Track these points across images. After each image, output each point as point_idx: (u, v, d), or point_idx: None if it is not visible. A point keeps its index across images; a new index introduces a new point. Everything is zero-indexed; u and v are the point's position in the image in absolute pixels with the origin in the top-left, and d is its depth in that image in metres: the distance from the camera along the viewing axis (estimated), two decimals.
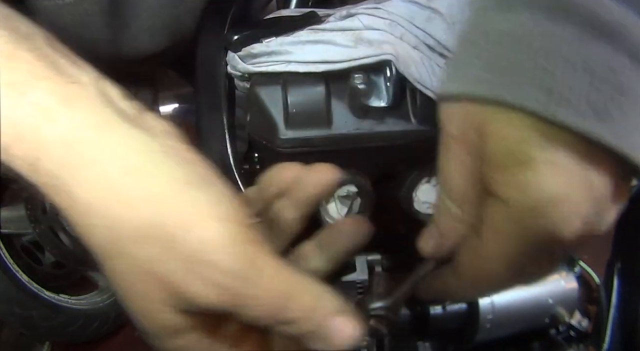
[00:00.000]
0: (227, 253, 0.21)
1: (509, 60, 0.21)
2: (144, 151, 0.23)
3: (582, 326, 0.60)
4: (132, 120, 0.24)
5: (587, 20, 0.20)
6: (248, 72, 0.48)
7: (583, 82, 0.20)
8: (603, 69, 0.20)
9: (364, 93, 0.45)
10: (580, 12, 0.20)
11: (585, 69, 0.20)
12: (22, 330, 1.24)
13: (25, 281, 1.23)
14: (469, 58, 0.23)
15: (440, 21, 0.48)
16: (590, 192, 0.22)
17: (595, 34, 0.20)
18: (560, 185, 0.22)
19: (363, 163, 0.48)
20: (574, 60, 0.20)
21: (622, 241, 0.64)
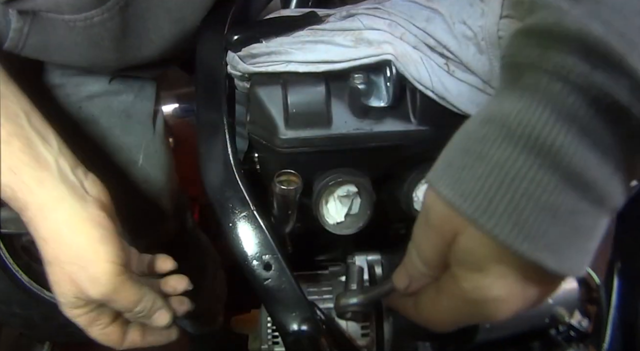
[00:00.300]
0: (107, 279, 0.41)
1: (493, 192, 0.26)
2: (77, 217, 0.41)
3: (582, 326, 0.60)
4: (75, 191, 0.42)
5: (567, 172, 0.25)
6: (248, 72, 0.48)
7: (545, 223, 0.26)
8: (566, 213, 0.26)
9: (364, 93, 0.45)
10: (564, 163, 0.25)
11: (551, 213, 0.25)
12: (22, 330, 1.24)
13: (25, 281, 1.23)
14: (462, 172, 0.28)
15: (440, 21, 0.48)
16: (524, 296, 0.30)
17: (568, 184, 0.25)
18: (503, 292, 0.29)
19: (363, 163, 0.48)
20: (542, 204, 0.25)
21: (622, 241, 0.64)
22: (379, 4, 0.52)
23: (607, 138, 0.25)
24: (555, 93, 0.25)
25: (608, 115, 0.25)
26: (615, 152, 0.26)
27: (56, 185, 0.41)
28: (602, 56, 0.24)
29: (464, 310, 0.32)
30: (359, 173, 0.48)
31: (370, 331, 0.57)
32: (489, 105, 0.29)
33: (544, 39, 0.26)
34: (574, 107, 0.25)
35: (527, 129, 0.26)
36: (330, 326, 0.54)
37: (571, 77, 0.25)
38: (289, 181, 0.43)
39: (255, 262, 0.45)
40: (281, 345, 0.58)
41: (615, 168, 0.26)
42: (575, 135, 0.25)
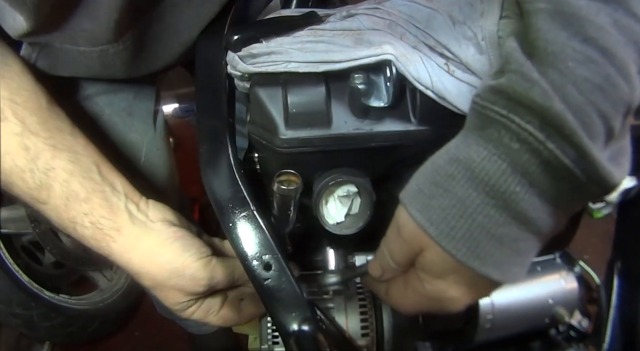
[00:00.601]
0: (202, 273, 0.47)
1: (455, 221, 0.33)
2: (154, 247, 0.47)
3: (582, 326, 0.60)
4: (146, 226, 0.48)
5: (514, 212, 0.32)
6: (248, 72, 0.48)
7: (493, 247, 0.33)
8: (509, 240, 0.32)
9: (364, 93, 0.45)
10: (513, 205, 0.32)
11: (498, 240, 0.32)
12: (22, 330, 1.24)
13: (25, 281, 1.23)
14: (431, 201, 0.34)
15: (441, 21, 0.48)
16: (471, 296, 0.37)
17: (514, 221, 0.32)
18: (456, 294, 0.37)
19: (363, 163, 0.48)
20: (492, 234, 0.32)
21: (622, 241, 0.65)
22: (379, 4, 0.52)
23: (551, 189, 0.31)
24: (513, 151, 0.31)
25: (554, 173, 0.30)
26: (556, 200, 0.32)
27: (130, 229, 0.47)
28: (557, 129, 0.29)
29: (425, 303, 0.40)
30: (359, 173, 0.48)
31: (370, 331, 0.57)
32: (457, 145, 0.34)
33: (512, 102, 0.30)
34: (527, 164, 0.31)
35: (487, 176, 0.32)
36: (330, 326, 0.54)
37: (528, 140, 0.30)
38: (289, 181, 0.43)
39: (255, 262, 0.45)
40: (281, 345, 0.58)
41: (554, 209, 0.32)
42: (525, 185, 0.31)
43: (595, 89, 0.29)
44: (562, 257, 0.65)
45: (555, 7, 0.30)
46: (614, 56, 0.29)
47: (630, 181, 0.51)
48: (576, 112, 0.29)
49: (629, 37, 0.30)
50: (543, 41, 0.30)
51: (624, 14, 0.30)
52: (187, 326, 1.34)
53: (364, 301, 0.58)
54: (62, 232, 0.49)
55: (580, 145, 0.28)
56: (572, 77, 0.29)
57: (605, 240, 0.70)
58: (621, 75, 0.30)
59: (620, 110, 0.30)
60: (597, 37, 0.29)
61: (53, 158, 0.45)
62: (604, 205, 0.53)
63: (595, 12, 0.29)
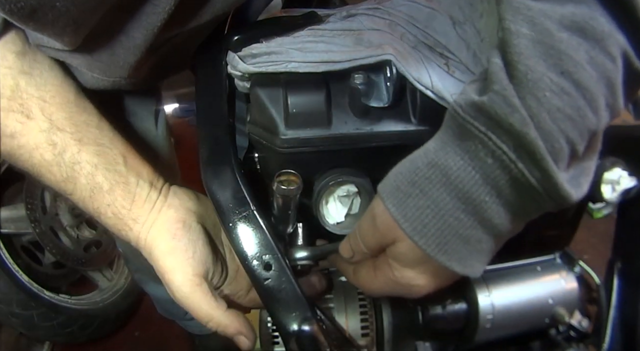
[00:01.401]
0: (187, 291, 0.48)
1: (428, 220, 0.37)
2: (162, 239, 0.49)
3: (582, 326, 0.60)
4: (160, 213, 0.49)
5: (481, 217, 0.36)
6: (248, 72, 0.48)
7: (459, 245, 0.37)
8: (473, 240, 0.37)
9: (364, 93, 0.45)
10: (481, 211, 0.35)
11: (464, 239, 0.37)
12: (22, 330, 1.24)
13: (25, 281, 1.23)
14: (407, 199, 0.37)
15: (441, 21, 0.48)
16: (435, 284, 0.42)
17: (480, 225, 0.36)
18: (422, 282, 0.42)
19: (363, 163, 0.48)
20: (459, 234, 0.36)
21: (622, 241, 0.65)
22: (379, 4, 0.52)
23: (515, 201, 0.35)
24: (487, 165, 0.34)
25: (519, 188, 0.34)
26: (518, 209, 0.36)
27: (146, 218, 0.49)
28: (529, 153, 0.32)
29: (392, 287, 0.44)
30: (359, 173, 0.48)
31: (370, 331, 0.57)
32: (437, 151, 0.37)
33: (492, 122, 0.33)
34: (498, 178, 0.34)
35: (461, 184, 0.35)
36: (330, 326, 0.54)
37: (502, 158, 0.33)
38: (289, 181, 0.43)
39: (255, 262, 0.45)
40: (281, 345, 0.58)
41: (514, 217, 0.36)
42: (493, 196, 0.35)
43: (567, 119, 0.32)
44: (562, 257, 0.65)
45: (537, 37, 0.32)
46: (587, 90, 0.32)
47: (630, 181, 0.51)
48: (547, 138, 0.32)
49: (601, 73, 0.32)
50: (524, 66, 0.32)
51: (599, 52, 0.32)
52: (187, 326, 1.34)
53: (364, 301, 0.58)
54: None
55: (547, 169, 0.32)
56: (547, 106, 0.32)
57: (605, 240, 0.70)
58: (590, 108, 0.33)
59: (586, 137, 0.33)
60: (573, 72, 0.32)
61: (79, 152, 0.47)
62: (604, 205, 0.53)
63: (574, 47, 0.32)
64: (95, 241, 1.45)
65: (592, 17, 0.32)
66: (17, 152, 0.46)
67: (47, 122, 0.46)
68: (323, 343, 0.44)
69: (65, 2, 0.36)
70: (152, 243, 0.48)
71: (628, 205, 0.60)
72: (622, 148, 0.50)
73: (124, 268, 1.51)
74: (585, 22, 0.32)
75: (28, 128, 0.45)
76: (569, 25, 0.32)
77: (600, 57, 0.32)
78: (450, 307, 0.59)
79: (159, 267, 0.48)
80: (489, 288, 0.59)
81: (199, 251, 0.48)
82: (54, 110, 0.47)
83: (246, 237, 0.45)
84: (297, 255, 0.51)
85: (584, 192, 0.35)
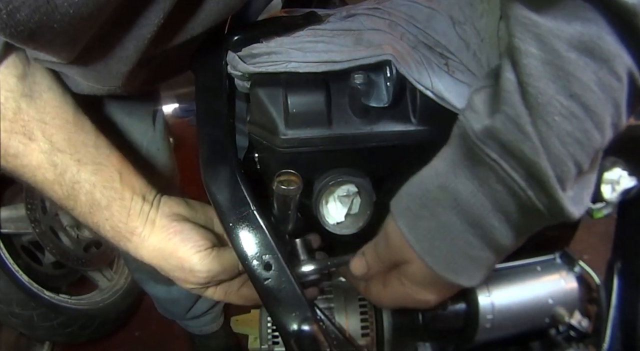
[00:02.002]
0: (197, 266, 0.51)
1: (438, 242, 0.39)
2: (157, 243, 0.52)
3: (582, 326, 0.60)
4: (153, 224, 0.52)
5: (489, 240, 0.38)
6: (248, 72, 0.48)
7: (467, 264, 0.39)
8: (481, 260, 0.39)
9: (364, 93, 0.45)
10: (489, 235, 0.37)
11: (473, 260, 0.39)
12: (22, 330, 1.24)
13: (25, 281, 1.23)
14: (419, 221, 0.40)
15: (441, 21, 0.48)
16: (443, 296, 0.44)
17: (488, 246, 0.38)
18: (431, 297, 0.44)
19: (363, 163, 0.48)
20: (468, 255, 0.39)
21: (622, 241, 0.65)
22: (379, 4, 0.52)
23: (521, 224, 0.36)
24: (496, 192, 0.35)
25: (527, 212, 0.35)
26: (522, 229, 0.37)
27: (142, 229, 0.52)
28: (539, 181, 0.33)
29: (402, 301, 0.45)
30: (359, 173, 0.48)
31: (370, 331, 0.57)
32: (447, 174, 0.38)
33: (504, 149, 0.34)
34: (507, 204, 0.36)
35: (470, 209, 0.37)
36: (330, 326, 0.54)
37: (511, 185, 0.34)
38: (289, 181, 0.43)
39: (255, 262, 0.45)
40: (281, 345, 0.58)
41: (519, 235, 0.38)
42: (502, 221, 0.36)
43: (575, 143, 0.33)
44: (562, 257, 0.65)
45: (547, 57, 0.32)
46: (594, 113, 0.33)
47: (630, 181, 0.51)
48: (556, 163, 0.33)
49: (608, 94, 0.33)
50: (534, 89, 0.33)
51: (607, 72, 0.32)
52: (187, 326, 1.34)
53: (364, 301, 0.58)
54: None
55: (554, 195, 0.33)
56: (557, 130, 0.33)
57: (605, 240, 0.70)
58: (597, 129, 0.33)
59: (591, 156, 0.34)
60: (581, 94, 0.32)
61: (78, 172, 0.50)
62: (604, 205, 0.53)
63: (582, 68, 0.32)
64: (95, 241, 1.44)
65: (599, 37, 0.32)
66: (21, 170, 0.50)
67: (47, 143, 0.49)
68: (323, 343, 0.44)
69: (62, 24, 0.37)
70: (153, 252, 0.52)
71: (628, 205, 0.60)
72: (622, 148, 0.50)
73: (124, 268, 1.51)
74: (593, 42, 0.32)
75: (30, 149, 0.48)
76: (577, 45, 0.32)
77: (608, 77, 0.32)
78: (450, 307, 0.59)
79: (173, 264, 0.51)
80: (489, 288, 0.59)
81: (199, 236, 0.52)
82: (54, 131, 0.49)
83: (246, 237, 0.45)
84: (306, 269, 0.51)
85: (586, 206, 0.36)
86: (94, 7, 0.38)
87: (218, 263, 0.51)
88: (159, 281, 1.11)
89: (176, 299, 1.17)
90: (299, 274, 0.51)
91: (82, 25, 0.40)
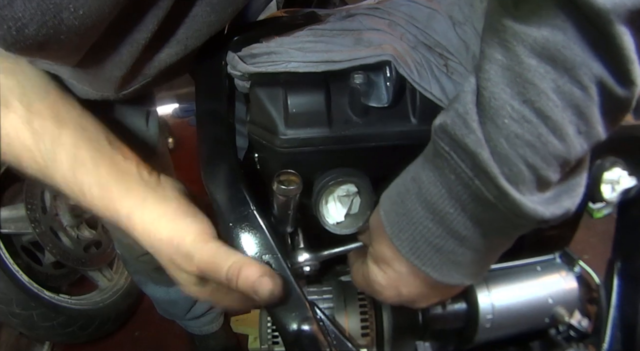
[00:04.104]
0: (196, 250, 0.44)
1: (404, 225, 0.41)
2: (161, 212, 0.46)
3: (582, 326, 0.60)
4: (156, 192, 0.47)
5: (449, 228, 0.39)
6: (248, 72, 0.48)
7: (433, 254, 0.41)
8: (446, 251, 0.40)
9: (364, 93, 0.45)
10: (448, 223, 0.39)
11: (436, 249, 0.40)
12: (22, 330, 1.24)
13: (25, 281, 1.23)
14: (393, 206, 0.42)
15: (441, 21, 0.48)
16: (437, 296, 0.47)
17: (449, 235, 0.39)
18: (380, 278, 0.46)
19: (363, 163, 0.48)
20: (433, 245, 0.40)
21: (622, 241, 0.65)
22: (379, 4, 0.52)
23: (482, 215, 0.37)
24: (450, 180, 0.38)
25: (481, 203, 0.37)
26: (488, 225, 0.38)
27: (140, 189, 0.47)
28: (482, 172, 0.35)
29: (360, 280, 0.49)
30: (359, 173, 0.48)
31: (370, 331, 0.57)
32: (417, 166, 0.41)
33: (453, 142, 0.36)
34: (460, 192, 0.37)
35: (429, 196, 0.39)
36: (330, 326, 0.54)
37: (461, 175, 0.36)
38: (289, 181, 0.43)
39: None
40: (281, 345, 0.58)
41: (487, 231, 0.39)
42: (458, 208, 0.38)
43: (525, 145, 0.34)
44: (562, 257, 0.65)
45: (508, 63, 0.34)
46: (549, 118, 0.33)
47: (630, 181, 0.51)
48: (503, 161, 0.34)
49: (568, 101, 0.33)
50: (489, 93, 0.35)
51: (568, 81, 0.33)
52: (187, 327, 1.34)
53: (364, 301, 0.58)
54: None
55: (501, 187, 0.34)
56: (505, 132, 0.34)
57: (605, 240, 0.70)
58: (554, 135, 0.34)
59: (553, 163, 0.35)
60: (535, 100, 0.33)
61: (59, 135, 0.46)
62: (604, 205, 0.53)
63: (541, 75, 0.33)
64: (95, 241, 1.45)
65: (564, 46, 0.32)
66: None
67: (25, 110, 0.46)
68: (323, 343, 0.44)
69: (68, 35, 0.38)
70: (149, 221, 0.45)
71: (628, 205, 0.60)
72: (622, 148, 0.50)
73: (123, 268, 1.51)
74: (556, 49, 0.32)
75: (6, 118, 0.46)
76: (539, 52, 0.33)
77: (568, 85, 0.33)
78: (450, 307, 0.59)
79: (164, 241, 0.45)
80: (489, 288, 0.59)
81: (202, 220, 0.46)
82: (34, 99, 0.47)
83: (246, 237, 0.45)
84: (302, 258, 0.52)
85: (565, 208, 0.36)
86: (97, 18, 0.39)
87: (213, 249, 0.44)
88: (158, 283, 1.11)
89: (175, 301, 1.18)
90: (295, 263, 0.52)
91: (87, 34, 0.41)
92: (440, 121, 0.38)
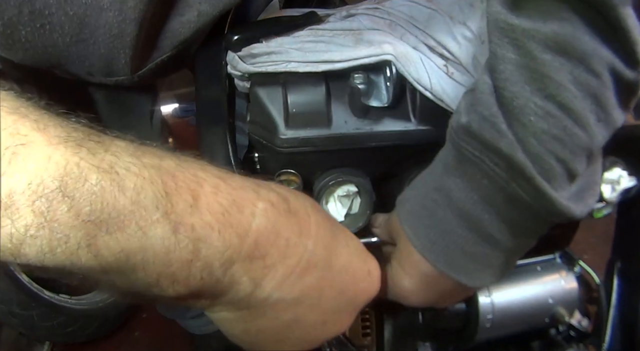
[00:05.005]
0: None
1: (436, 238, 0.40)
2: None
3: (582, 326, 0.60)
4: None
5: (482, 233, 0.39)
6: (248, 72, 0.48)
7: (464, 260, 0.40)
8: (478, 255, 0.40)
9: (364, 93, 0.45)
10: (482, 228, 0.38)
11: (469, 255, 0.40)
12: (22, 330, 1.24)
13: (25, 281, 1.23)
14: (419, 220, 0.41)
15: (441, 22, 0.48)
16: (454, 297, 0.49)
17: (483, 240, 0.39)
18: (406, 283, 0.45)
19: (363, 163, 0.48)
20: (465, 251, 0.39)
21: (622, 241, 0.65)
22: (379, 4, 0.52)
23: (515, 217, 0.37)
24: (483, 186, 0.37)
25: (516, 206, 0.36)
26: (520, 225, 0.38)
27: None
28: (519, 173, 0.35)
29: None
30: (359, 173, 0.48)
31: (370, 331, 0.57)
32: (442, 175, 0.40)
33: (483, 146, 0.36)
34: (494, 197, 0.37)
35: (461, 204, 0.38)
36: None
37: (495, 178, 0.36)
38: (289, 181, 0.43)
39: None
40: None
41: (519, 232, 0.38)
42: (492, 213, 0.37)
43: (553, 139, 0.34)
44: (562, 257, 0.65)
45: (522, 61, 0.34)
46: (571, 110, 0.34)
47: (630, 181, 0.51)
48: (535, 160, 0.34)
49: (586, 91, 0.33)
50: (509, 93, 0.34)
51: (583, 71, 0.33)
52: (187, 326, 1.34)
53: None
54: None
55: (538, 187, 0.34)
56: (533, 129, 0.34)
57: (605, 240, 0.70)
58: (578, 126, 0.34)
59: (580, 154, 0.35)
60: (556, 94, 0.33)
61: None
62: (604, 205, 0.53)
63: (557, 68, 0.33)
64: None
65: (574, 36, 0.32)
66: None
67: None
68: (323, 343, 0.44)
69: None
70: None
71: (628, 205, 0.60)
72: (622, 148, 0.50)
73: None
74: (567, 42, 0.32)
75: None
76: (552, 46, 0.33)
77: (584, 75, 0.33)
78: (450, 307, 0.59)
79: None
80: (489, 288, 0.59)
81: None
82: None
83: None
84: None
85: (590, 206, 0.37)
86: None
87: None
88: None
89: None
90: None
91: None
92: (460, 125, 0.37)
